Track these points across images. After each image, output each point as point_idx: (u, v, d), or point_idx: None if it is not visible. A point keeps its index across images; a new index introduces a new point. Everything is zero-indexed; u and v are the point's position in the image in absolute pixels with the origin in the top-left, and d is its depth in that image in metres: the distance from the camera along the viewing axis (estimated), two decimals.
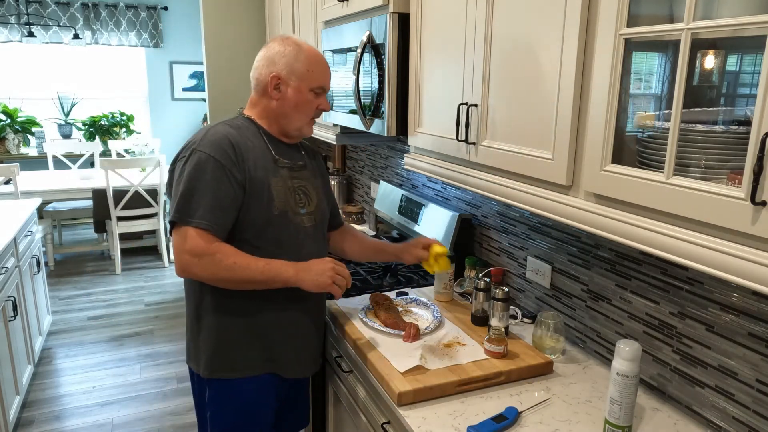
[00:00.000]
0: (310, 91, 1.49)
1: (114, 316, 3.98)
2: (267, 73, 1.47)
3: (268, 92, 1.49)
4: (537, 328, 1.55)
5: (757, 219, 0.80)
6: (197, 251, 1.35)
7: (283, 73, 1.47)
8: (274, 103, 1.50)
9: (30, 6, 5.69)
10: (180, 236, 1.36)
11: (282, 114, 1.50)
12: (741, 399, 1.18)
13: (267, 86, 1.48)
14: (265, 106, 1.52)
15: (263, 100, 1.51)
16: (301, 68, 1.47)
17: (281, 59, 1.47)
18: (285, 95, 1.48)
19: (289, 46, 1.48)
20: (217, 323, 1.49)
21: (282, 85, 1.47)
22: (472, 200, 2.11)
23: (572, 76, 1.11)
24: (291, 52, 1.47)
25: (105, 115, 6.12)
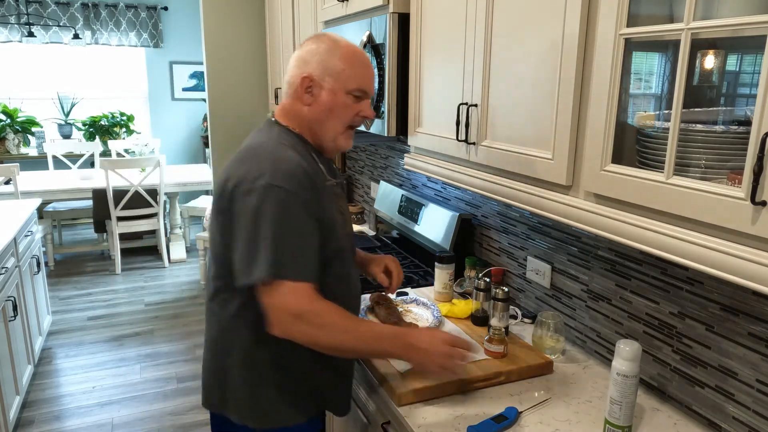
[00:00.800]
0: (348, 94, 1.28)
1: (114, 316, 3.98)
2: (298, 74, 1.28)
3: (300, 96, 1.29)
4: (537, 328, 1.55)
5: (757, 219, 0.80)
6: (298, 311, 1.15)
7: (315, 73, 1.26)
8: (306, 109, 1.29)
9: (30, 6, 5.69)
10: (278, 292, 1.15)
11: (315, 121, 1.29)
12: (741, 399, 1.18)
13: (298, 89, 1.28)
14: (298, 113, 1.31)
15: (296, 105, 1.31)
16: (336, 67, 1.26)
17: (314, 57, 1.27)
18: (318, 99, 1.27)
19: (324, 42, 1.28)
20: (277, 372, 1.29)
21: (315, 88, 1.27)
22: (472, 200, 2.11)
23: (572, 75, 1.11)
24: (325, 49, 1.27)
25: (105, 115, 6.13)
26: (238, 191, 1.18)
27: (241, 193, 1.17)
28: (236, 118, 3.84)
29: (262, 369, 1.29)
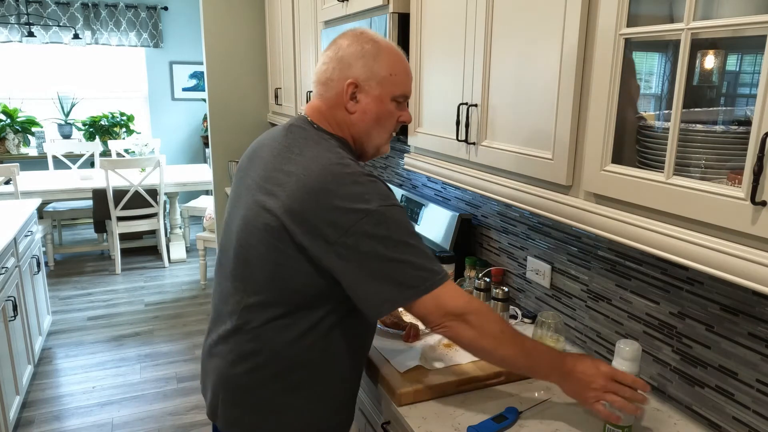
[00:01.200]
0: (392, 101, 1.22)
1: (114, 316, 3.98)
2: (341, 78, 1.19)
3: (344, 102, 1.20)
4: (537, 328, 1.55)
5: (757, 219, 0.80)
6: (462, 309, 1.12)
7: (361, 78, 1.18)
8: (350, 117, 1.21)
9: (30, 6, 5.69)
10: (435, 301, 1.09)
11: (362, 130, 1.23)
12: (741, 399, 1.18)
13: (342, 95, 1.20)
14: (341, 120, 1.22)
15: (338, 111, 1.21)
16: (382, 71, 1.18)
17: (358, 61, 1.18)
18: (364, 106, 1.20)
19: (367, 43, 1.19)
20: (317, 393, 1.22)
21: (360, 94, 1.19)
22: (472, 200, 2.11)
23: (572, 75, 1.11)
24: (370, 52, 1.18)
25: (105, 115, 6.13)
26: (351, 221, 1.06)
27: (359, 219, 1.06)
28: (236, 118, 3.84)
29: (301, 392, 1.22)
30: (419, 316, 1.12)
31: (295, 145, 1.18)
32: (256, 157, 1.25)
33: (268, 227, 1.12)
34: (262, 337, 1.19)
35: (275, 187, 1.13)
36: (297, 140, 1.19)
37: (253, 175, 1.21)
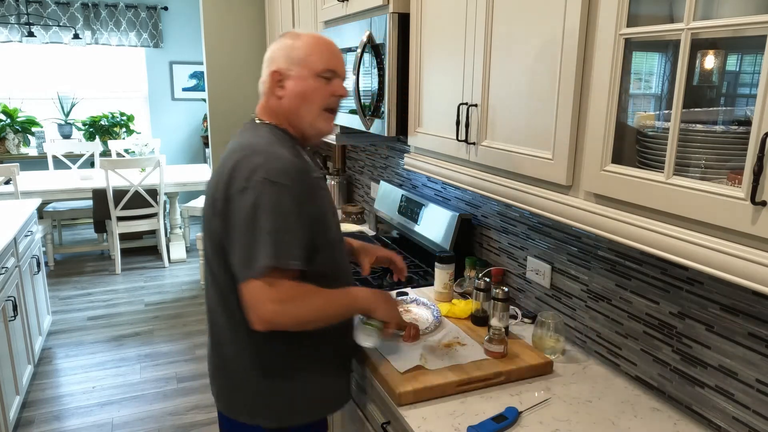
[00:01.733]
0: (318, 77, 1.31)
1: (114, 316, 3.98)
2: (267, 71, 1.34)
3: (273, 91, 1.33)
4: (537, 328, 1.55)
5: (757, 219, 0.80)
6: (286, 297, 1.19)
7: (282, 66, 1.31)
8: (280, 102, 1.33)
9: (30, 6, 5.69)
10: (266, 284, 1.18)
11: (291, 110, 1.33)
12: (741, 399, 1.18)
13: (270, 85, 1.33)
14: (275, 108, 1.35)
15: (271, 101, 1.35)
16: (299, 55, 1.31)
17: (278, 54, 1.33)
18: (290, 89, 1.31)
19: (286, 38, 1.34)
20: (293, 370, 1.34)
21: (284, 80, 1.32)
22: (472, 200, 2.11)
23: (572, 75, 1.11)
24: (287, 44, 1.32)
25: (105, 115, 6.13)
26: (231, 190, 1.22)
27: (236, 191, 1.21)
28: (236, 118, 3.84)
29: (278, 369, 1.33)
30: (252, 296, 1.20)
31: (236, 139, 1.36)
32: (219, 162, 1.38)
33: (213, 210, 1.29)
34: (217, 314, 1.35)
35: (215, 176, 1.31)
36: (239, 135, 1.37)
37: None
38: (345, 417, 1.74)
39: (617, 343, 1.49)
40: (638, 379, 1.43)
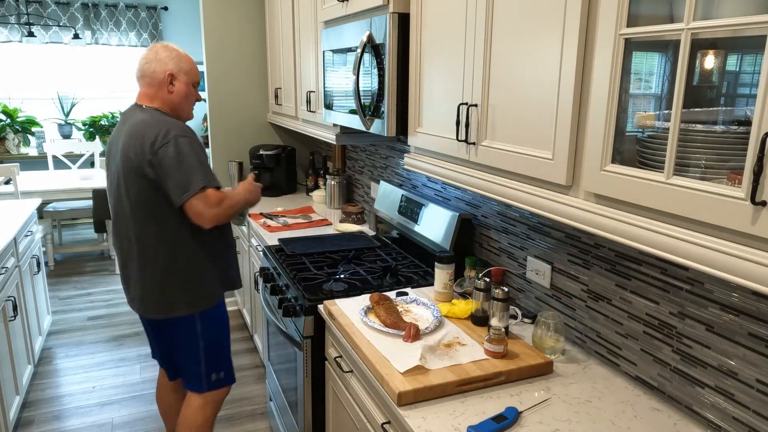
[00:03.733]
0: (191, 85, 1.96)
1: (114, 316, 3.98)
2: (161, 70, 1.88)
3: (165, 86, 1.90)
4: (537, 328, 1.55)
5: (757, 219, 0.80)
6: (217, 201, 1.80)
7: (174, 70, 1.90)
8: (170, 96, 1.91)
9: (30, 6, 5.69)
10: (205, 197, 1.78)
11: (177, 103, 1.94)
12: (741, 399, 1.18)
13: (163, 81, 1.89)
14: (163, 98, 1.91)
15: (160, 92, 1.91)
16: (185, 67, 1.93)
17: (171, 60, 1.90)
18: (178, 88, 1.92)
19: (173, 51, 1.91)
20: (197, 266, 1.93)
21: (175, 80, 1.91)
22: (472, 200, 2.11)
23: (572, 75, 1.11)
24: (176, 55, 1.91)
25: (105, 115, 6.13)
26: (157, 144, 1.76)
27: (160, 146, 1.76)
28: (236, 118, 3.84)
29: (200, 265, 1.93)
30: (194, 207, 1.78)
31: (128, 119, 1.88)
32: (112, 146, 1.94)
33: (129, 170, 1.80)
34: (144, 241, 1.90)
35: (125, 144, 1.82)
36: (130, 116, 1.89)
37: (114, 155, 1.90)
38: (344, 417, 1.74)
39: (617, 343, 1.49)
40: (638, 379, 1.43)
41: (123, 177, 1.83)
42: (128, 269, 1.95)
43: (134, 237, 1.88)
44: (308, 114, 2.94)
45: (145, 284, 1.92)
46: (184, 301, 1.93)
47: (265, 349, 2.72)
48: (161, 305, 1.93)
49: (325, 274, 2.14)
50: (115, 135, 1.92)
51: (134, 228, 1.87)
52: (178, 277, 1.91)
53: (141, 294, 1.94)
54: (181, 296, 1.93)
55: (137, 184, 1.81)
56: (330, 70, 2.34)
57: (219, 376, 2.08)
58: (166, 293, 1.92)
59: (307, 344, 1.92)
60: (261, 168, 3.66)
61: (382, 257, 2.35)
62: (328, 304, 1.82)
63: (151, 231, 1.86)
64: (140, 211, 1.84)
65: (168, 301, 1.93)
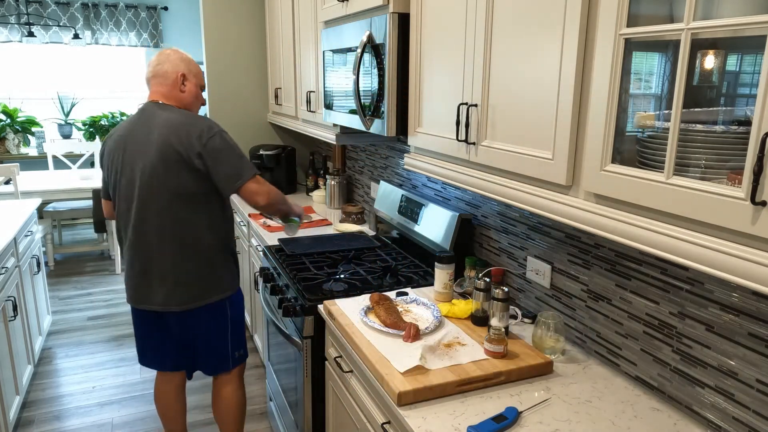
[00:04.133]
0: (198, 87, 2.08)
1: (114, 316, 3.98)
2: (174, 71, 2.00)
3: (178, 86, 2.01)
4: (537, 328, 1.55)
5: (757, 219, 0.80)
6: (268, 187, 2.00)
7: (185, 72, 2.02)
8: (182, 95, 2.02)
9: (30, 6, 5.69)
10: (257, 180, 1.96)
11: (189, 102, 2.05)
12: (741, 399, 1.18)
13: (176, 81, 2.00)
14: (177, 97, 2.02)
15: (174, 91, 2.01)
16: (194, 70, 2.07)
17: (181, 62, 2.02)
18: (189, 88, 2.04)
19: (182, 53, 2.04)
20: (227, 250, 2.08)
21: (186, 81, 2.03)
22: (472, 200, 2.11)
23: (572, 75, 1.11)
24: (185, 59, 2.04)
25: (105, 115, 6.13)
26: (204, 137, 1.88)
27: (208, 139, 1.89)
28: (236, 117, 3.84)
29: (227, 253, 2.07)
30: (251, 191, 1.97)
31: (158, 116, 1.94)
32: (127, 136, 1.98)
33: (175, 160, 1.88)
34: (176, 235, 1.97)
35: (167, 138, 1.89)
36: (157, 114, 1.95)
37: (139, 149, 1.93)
38: (344, 417, 1.74)
39: (617, 343, 1.49)
40: (638, 379, 1.43)
41: (162, 169, 1.87)
42: (155, 263, 1.97)
43: (169, 228, 1.92)
44: (308, 114, 2.93)
45: (180, 275, 1.96)
46: (221, 285, 2.04)
47: (265, 349, 2.72)
48: (198, 293, 2.00)
49: (325, 274, 2.14)
50: (136, 129, 1.95)
51: (166, 219, 1.92)
52: (216, 262, 2.01)
53: (174, 286, 1.97)
54: (218, 281, 2.03)
55: (178, 174, 1.88)
56: (330, 70, 2.34)
57: (240, 353, 2.22)
58: (205, 280, 2.00)
59: (307, 344, 1.92)
60: (261, 168, 3.66)
61: (382, 257, 2.35)
62: (328, 304, 1.82)
63: (192, 220, 1.94)
64: (182, 201, 1.91)
65: (206, 287, 2.01)
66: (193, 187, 1.90)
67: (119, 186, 1.99)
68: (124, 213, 2.00)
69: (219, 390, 2.24)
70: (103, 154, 2.06)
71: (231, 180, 1.91)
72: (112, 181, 2.02)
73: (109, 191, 2.08)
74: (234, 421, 2.27)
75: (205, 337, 2.12)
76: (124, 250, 2.05)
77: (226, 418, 2.26)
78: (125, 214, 2.00)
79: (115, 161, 1.99)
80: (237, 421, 2.28)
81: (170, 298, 1.98)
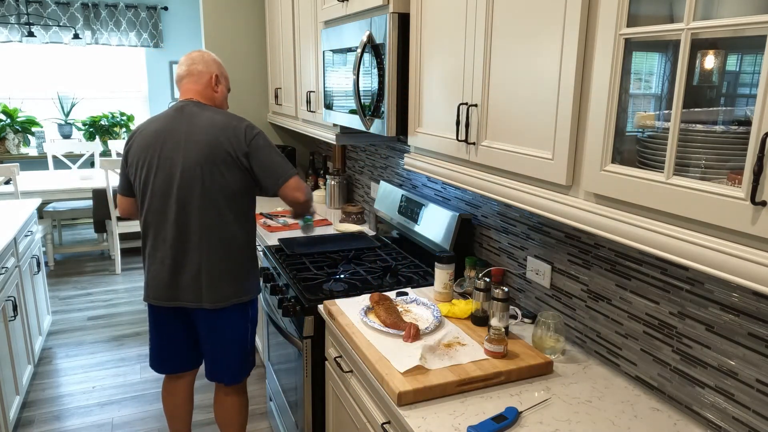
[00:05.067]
0: (227, 89, 2.14)
1: (114, 316, 3.98)
2: (208, 72, 2.03)
3: (212, 86, 2.05)
4: (537, 328, 1.55)
5: (757, 219, 0.80)
6: (305, 184, 2.01)
7: (217, 73, 2.07)
8: (215, 95, 2.06)
9: (30, 6, 5.69)
10: (297, 177, 1.97)
11: (221, 102, 2.10)
12: (741, 399, 1.18)
13: (210, 82, 2.03)
14: (211, 97, 2.05)
15: (208, 91, 2.04)
16: (224, 72, 2.12)
17: (213, 64, 2.06)
18: (221, 89, 2.09)
19: (212, 55, 2.08)
20: (254, 252, 2.08)
21: (218, 83, 2.07)
22: (472, 200, 2.11)
23: (572, 75, 1.11)
24: (216, 61, 2.08)
25: (105, 115, 6.13)
26: (249, 137, 1.93)
27: (252, 138, 1.93)
28: None
29: (252, 255, 2.07)
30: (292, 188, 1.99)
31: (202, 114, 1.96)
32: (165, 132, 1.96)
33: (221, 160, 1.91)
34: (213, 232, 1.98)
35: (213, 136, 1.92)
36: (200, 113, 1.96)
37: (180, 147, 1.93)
38: (344, 417, 1.74)
39: (617, 343, 1.49)
40: (638, 379, 1.43)
41: (209, 168, 1.89)
42: (190, 260, 1.95)
43: (209, 226, 1.93)
44: (308, 114, 2.93)
45: (215, 272, 1.96)
46: (249, 286, 2.05)
47: (265, 349, 2.72)
48: (231, 291, 1.99)
49: (325, 274, 2.14)
50: (175, 126, 1.93)
51: (207, 217, 1.92)
52: (246, 261, 2.02)
53: (209, 283, 1.96)
54: (247, 281, 2.03)
55: (226, 173, 1.90)
56: (330, 70, 2.34)
57: (251, 359, 2.20)
58: (238, 279, 2.00)
59: (307, 344, 1.92)
60: None
61: (382, 257, 2.35)
62: (328, 304, 1.82)
63: (230, 218, 1.95)
64: (225, 199, 1.92)
65: (238, 286, 2.01)
66: (236, 185, 1.92)
67: (152, 182, 1.94)
68: (156, 210, 1.95)
69: (223, 397, 2.20)
70: (129, 150, 2.00)
71: (275, 177, 1.93)
72: (142, 177, 1.96)
73: (135, 187, 2.02)
74: (238, 425, 2.25)
75: (230, 337, 2.07)
76: (154, 246, 1.98)
77: (228, 423, 2.24)
78: (159, 211, 1.95)
79: (149, 157, 1.94)
80: (241, 426, 2.26)
81: (203, 296, 1.96)
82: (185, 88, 2.01)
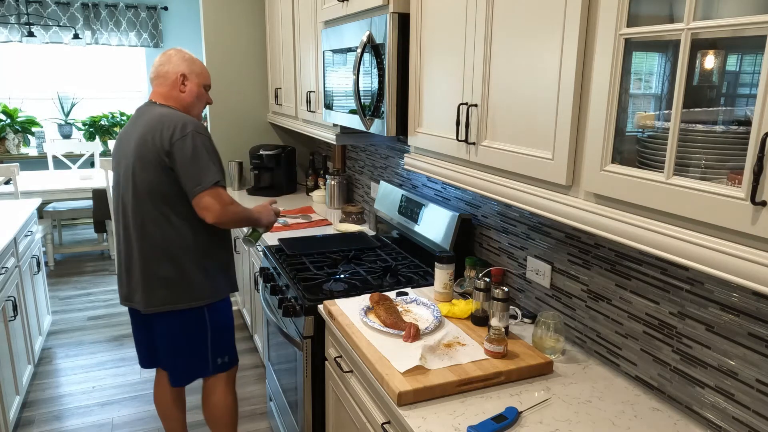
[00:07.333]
0: (202, 87, 2.05)
1: (114, 316, 3.98)
2: (174, 71, 1.98)
3: (177, 86, 1.99)
4: (537, 328, 1.55)
5: (757, 219, 0.80)
6: (227, 201, 1.88)
7: (186, 72, 2.00)
8: (182, 95, 2.00)
9: (30, 6, 5.69)
10: (217, 194, 1.85)
11: (189, 102, 2.02)
12: (741, 399, 1.18)
13: (175, 81, 1.98)
14: (176, 97, 2.00)
15: (173, 92, 2.00)
16: (196, 69, 2.03)
17: (182, 62, 2.00)
18: (189, 88, 2.01)
19: (186, 54, 2.02)
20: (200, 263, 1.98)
21: (187, 82, 2.00)
22: (472, 200, 2.11)
23: (572, 75, 1.11)
24: (188, 58, 2.01)
25: (105, 115, 6.13)
26: (176, 136, 1.83)
27: (177, 139, 1.83)
28: (236, 117, 3.84)
29: (207, 260, 1.99)
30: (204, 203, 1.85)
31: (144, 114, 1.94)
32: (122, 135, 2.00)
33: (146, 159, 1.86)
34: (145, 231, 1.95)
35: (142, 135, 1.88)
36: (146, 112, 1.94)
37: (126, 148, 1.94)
38: (344, 417, 1.74)
39: (617, 343, 1.49)
40: (638, 379, 1.43)
41: (136, 166, 1.87)
42: (134, 262, 1.97)
43: (142, 227, 1.91)
44: (308, 114, 2.93)
45: (149, 276, 1.94)
46: (191, 293, 1.97)
47: (265, 349, 2.72)
48: (167, 297, 1.95)
49: (325, 274, 2.14)
50: (129, 128, 1.97)
51: (139, 217, 1.91)
52: (189, 267, 1.95)
53: (146, 286, 1.95)
54: (188, 287, 1.96)
55: (151, 172, 1.86)
56: (330, 70, 2.34)
57: (224, 359, 2.16)
58: (178, 284, 1.95)
59: (307, 344, 1.92)
60: (261, 168, 3.66)
61: (382, 257, 2.35)
62: (328, 304, 1.82)
63: (157, 220, 1.90)
64: (156, 200, 1.88)
65: (175, 292, 1.95)
66: (165, 186, 1.87)
67: (114, 184, 2.03)
68: (114, 211, 2.04)
69: (208, 396, 2.22)
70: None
71: (190, 185, 1.84)
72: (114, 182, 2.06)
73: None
74: (224, 426, 2.25)
75: (172, 344, 2.04)
76: (117, 247, 2.06)
77: (216, 423, 2.24)
78: (115, 212, 2.04)
79: (114, 161, 2.03)
80: (228, 426, 2.26)
81: (144, 298, 1.96)
82: (153, 90, 2.02)
